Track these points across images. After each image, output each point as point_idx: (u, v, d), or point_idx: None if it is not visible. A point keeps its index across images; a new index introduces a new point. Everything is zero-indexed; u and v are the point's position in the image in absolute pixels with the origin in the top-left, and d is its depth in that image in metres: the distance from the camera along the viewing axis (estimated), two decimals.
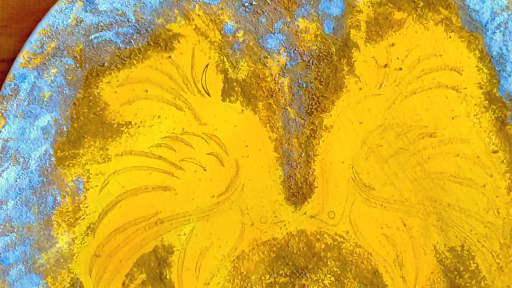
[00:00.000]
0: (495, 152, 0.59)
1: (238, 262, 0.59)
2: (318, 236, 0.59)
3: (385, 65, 0.60)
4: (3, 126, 0.59)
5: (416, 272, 0.59)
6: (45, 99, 0.58)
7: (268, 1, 0.60)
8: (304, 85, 0.59)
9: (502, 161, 0.59)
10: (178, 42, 0.59)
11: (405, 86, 0.59)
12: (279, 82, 0.59)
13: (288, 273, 0.59)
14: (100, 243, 0.58)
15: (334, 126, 0.59)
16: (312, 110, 0.59)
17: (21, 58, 0.58)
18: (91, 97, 0.59)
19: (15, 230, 0.58)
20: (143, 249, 0.58)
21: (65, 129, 0.59)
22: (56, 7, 0.58)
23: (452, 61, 0.60)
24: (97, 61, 0.59)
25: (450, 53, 0.60)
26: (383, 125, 0.59)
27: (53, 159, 0.59)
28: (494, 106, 0.59)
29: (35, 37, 0.58)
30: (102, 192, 0.59)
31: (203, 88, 0.59)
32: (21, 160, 0.58)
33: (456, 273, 0.59)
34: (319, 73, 0.60)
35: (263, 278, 0.59)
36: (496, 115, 0.59)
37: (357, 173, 0.59)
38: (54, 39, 0.58)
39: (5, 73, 0.59)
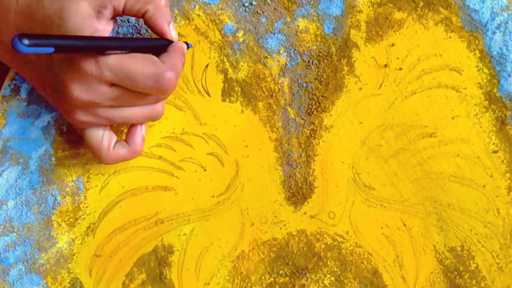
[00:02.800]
0: (495, 152, 0.59)
1: (238, 262, 0.59)
2: (318, 236, 0.59)
3: (385, 65, 0.60)
4: (4, 126, 0.59)
5: (416, 272, 0.59)
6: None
7: (268, 1, 0.60)
8: (304, 85, 0.59)
9: (502, 161, 0.59)
10: None
11: (405, 86, 0.59)
12: (279, 82, 0.60)
13: (288, 273, 0.59)
14: (100, 243, 0.58)
15: (334, 126, 0.59)
16: (312, 110, 0.59)
17: None
18: None
19: (15, 230, 0.58)
20: (143, 249, 0.59)
21: (65, 129, 0.59)
22: None
23: (452, 61, 0.60)
24: None
25: (450, 53, 0.60)
26: (383, 125, 0.59)
27: (53, 159, 0.59)
28: (494, 106, 0.59)
29: None
30: (102, 192, 0.59)
31: (203, 88, 0.59)
32: (21, 160, 0.58)
33: (456, 273, 0.59)
34: (319, 73, 0.60)
35: (263, 278, 0.59)
36: (496, 115, 0.59)
37: (357, 173, 0.59)
38: None
39: (5, 73, 0.59)
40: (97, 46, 0.50)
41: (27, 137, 0.59)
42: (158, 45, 0.54)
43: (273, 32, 0.60)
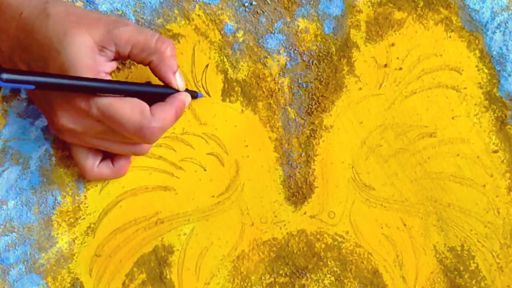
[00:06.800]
0: (495, 152, 0.59)
1: (238, 262, 0.59)
2: (318, 236, 0.59)
3: (385, 65, 0.60)
4: (4, 126, 0.59)
5: (416, 272, 0.59)
6: None
7: (268, 1, 0.60)
8: (304, 85, 0.59)
9: (502, 161, 0.59)
10: (178, 42, 0.59)
11: (405, 86, 0.59)
12: (279, 82, 0.60)
13: (288, 273, 0.59)
14: (100, 243, 0.58)
15: (334, 126, 0.59)
16: (312, 110, 0.59)
17: None
18: None
19: (16, 230, 0.58)
20: (143, 249, 0.59)
21: None
22: None
23: (452, 61, 0.60)
24: None
25: (450, 53, 0.60)
26: (383, 125, 0.59)
27: (53, 159, 0.59)
28: (494, 106, 0.59)
29: None
30: (102, 192, 0.59)
31: (203, 88, 0.59)
32: (21, 160, 0.59)
33: (456, 273, 0.59)
34: (319, 73, 0.60)
35: (263, 278, 0.59)
36: (496, 115, 0.59)
37: (357, 173, 0.59)
38: None
39: None
40: (83, 88, 0.50)
41: (27, 137, 0.59)
42: (160, 93, 0.55)
43: (273, 32, 0.60)
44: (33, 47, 0.52)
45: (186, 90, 0.56)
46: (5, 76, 0.46)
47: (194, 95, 0.57)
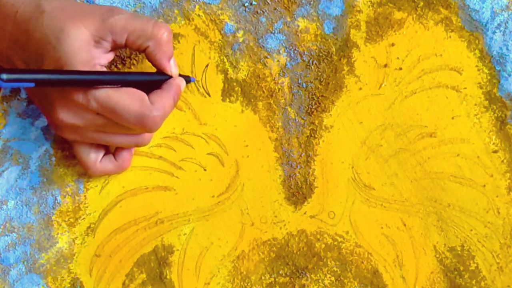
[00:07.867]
0: (495, 152, 0.59)
1: (238, 262, 0.59)
2: (318, 236, 0.59)
3: (385, 65, 0.60)
4: (4, 126, 0.59)
5: (416, 272, 0.59)
6: None
7: (268, 1, 0.60)
8: (304, 85, 0.59)
9: (502, 161, 0.59)
10: (178, 42, 0.59)
11: (405, 86, 0.59)
12: (279, 82, 0.60)
13: (288, 273, 0.59)
14: (100, 243, 0.58)
15: (334, 126, 0.59)
16: (312, 110, 0.59)
17: None
18: None
19: (16, 230, 0.58)
20: (143, 249, 0.59)
21: None
22: None
23: (452, 61, 0.60)
24: None
25: (450, 53, 0.60)
26: (383, 125, 0.59)
27: (53, 159, 0.59)
28: (494, 106, 0.59)
29: None
30: (102, 192, 0.59)
31: (203, 88, 0.59)
32: (21, 160, 0.59)
33: (456, 273, 0.59)
34: (319, 73, 0.60)
35: (263, 278, 0.59)
36: (496, 115, 0.59)
37: (357, 173, 0.59)
38: None
39: None
40: (82, 81, 0.50)
41: (27, 137, 0.59)
42: (155, 80, 0.55)
43: (273, 32, 0.60)
44: (30, 44, 0.52)
45: (179, 75, 0.56)
46: (5, 76, 0.46)
47: (188, 80, 0.57)
